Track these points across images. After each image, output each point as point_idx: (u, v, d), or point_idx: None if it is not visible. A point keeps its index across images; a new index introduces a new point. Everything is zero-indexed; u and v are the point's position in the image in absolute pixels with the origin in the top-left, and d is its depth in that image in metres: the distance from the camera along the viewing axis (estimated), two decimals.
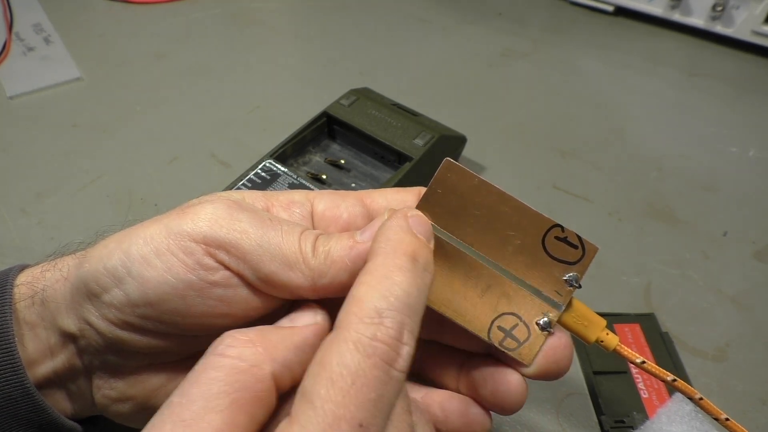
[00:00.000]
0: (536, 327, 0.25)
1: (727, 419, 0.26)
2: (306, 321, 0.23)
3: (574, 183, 0.51)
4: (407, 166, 0.44)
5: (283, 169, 0.43)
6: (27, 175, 0.49)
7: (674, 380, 0.25)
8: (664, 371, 0.25)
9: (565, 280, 0.25)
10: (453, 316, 0.25)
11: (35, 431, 0.26)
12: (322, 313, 0.23)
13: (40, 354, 0.26)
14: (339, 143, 0.49)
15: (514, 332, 0.25)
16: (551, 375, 0.25)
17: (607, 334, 0.26)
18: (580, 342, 0.40)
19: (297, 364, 0.21)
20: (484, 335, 0.25)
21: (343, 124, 0.47)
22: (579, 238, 0.24)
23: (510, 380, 0.25)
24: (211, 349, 0.21)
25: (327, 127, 0.48)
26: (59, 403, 0.27)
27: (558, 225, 0.24)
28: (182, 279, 0.23)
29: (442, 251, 0.25)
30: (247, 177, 0.43)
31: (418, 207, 0.25)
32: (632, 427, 0.35)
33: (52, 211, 0.46)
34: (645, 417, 0.35)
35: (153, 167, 0.50)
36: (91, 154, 0.51)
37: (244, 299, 0.24)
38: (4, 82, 0.57)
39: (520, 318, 0.25)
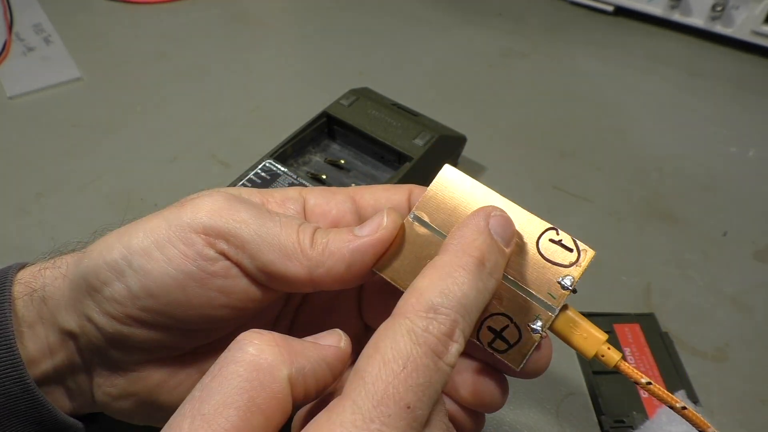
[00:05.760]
0: (528, 330, 0.24)
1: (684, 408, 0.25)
2: (330, 342, 0.23)
3: (574, 183, 0.51)
4: (407, 166, 0.44)
5: (283, 169, 0.43)
6: (27, 175, 0.49)
7: (683, 408, 0.24)
8: (672, 397, 0.24)
9: (559, 283, 0.24)
10: None
11: (35, 428, 0.26)
12: (347, 340, 0.23)
13: (39, 353, 0.26)
14: (339, 143, 0.49)
15: (504, 334, 0.24)
16: (532, 376, 0.25)
17: (609, 348, 0.24)
18: None
19: (312, 378, 0.21)
20: (473, 336, 0.24)
21: (343, 124, 0.47)
22: (574, 241, 0.24)
23: (490, 383, 0.25)
24: (233, 344, 0.21)
25: (327, 127, 0.48)
26: (58, 401, 0.27)
27: (552, 228, 0.24)
28: (183, 270, 0.24)
29: (436, 252, 0.25)
30: (247, 177, 0.43)
31: (417, 208, 0.25)
32: (632, 427, 0.35)
33: (52, 211, 0.46)
34: (645, 417, 0.35)
35: (153, 167, 0.50)
36: (91, 154, 0.51)
37: (243, 290, 0.25)
38: (4, 82, 0.57)
39: (511, 319, 0.24)
